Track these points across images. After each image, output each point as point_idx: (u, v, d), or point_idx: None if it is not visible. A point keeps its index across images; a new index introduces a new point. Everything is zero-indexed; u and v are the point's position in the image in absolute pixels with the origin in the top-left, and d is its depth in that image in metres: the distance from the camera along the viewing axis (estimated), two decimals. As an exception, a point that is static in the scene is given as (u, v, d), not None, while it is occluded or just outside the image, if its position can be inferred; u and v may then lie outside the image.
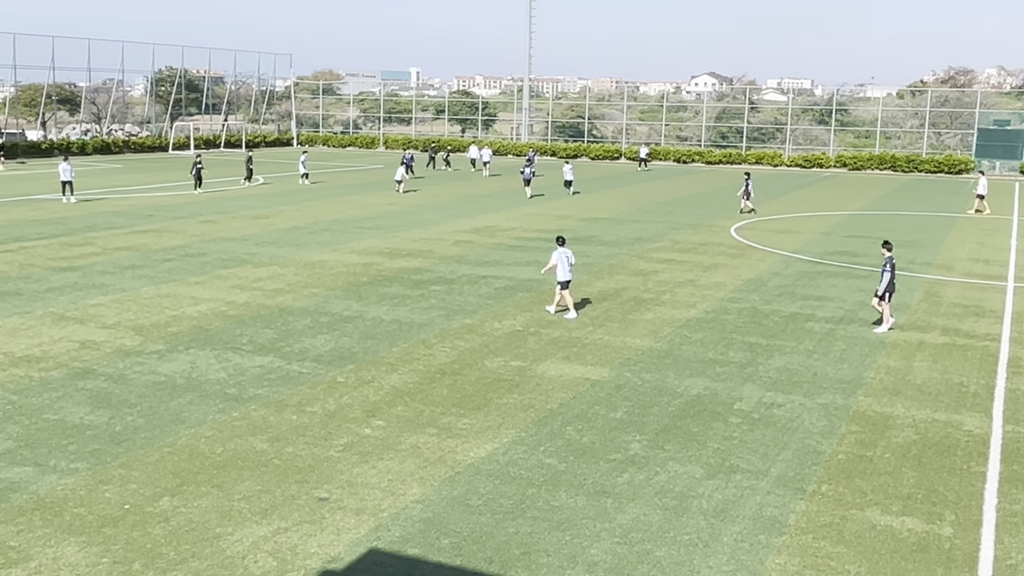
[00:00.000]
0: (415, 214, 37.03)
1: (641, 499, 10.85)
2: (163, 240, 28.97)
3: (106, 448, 12.02)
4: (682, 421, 13.56)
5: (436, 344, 17.44)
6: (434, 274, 24.31)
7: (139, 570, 8.98)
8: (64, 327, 18.05)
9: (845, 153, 72.14)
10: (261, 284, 22.52)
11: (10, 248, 26.92)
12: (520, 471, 11.58)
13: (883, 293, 18.96)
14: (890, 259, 19.15)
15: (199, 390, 14.46)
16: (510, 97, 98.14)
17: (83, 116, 75.80)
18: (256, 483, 11.03)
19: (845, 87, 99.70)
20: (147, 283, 22.35)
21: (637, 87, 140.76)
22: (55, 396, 14.01)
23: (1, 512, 10.12)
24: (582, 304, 20.92)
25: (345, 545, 9.59)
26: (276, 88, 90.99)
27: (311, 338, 17.65)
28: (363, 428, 12.97)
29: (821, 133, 79.20)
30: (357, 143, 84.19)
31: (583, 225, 34.87)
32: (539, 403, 14.21)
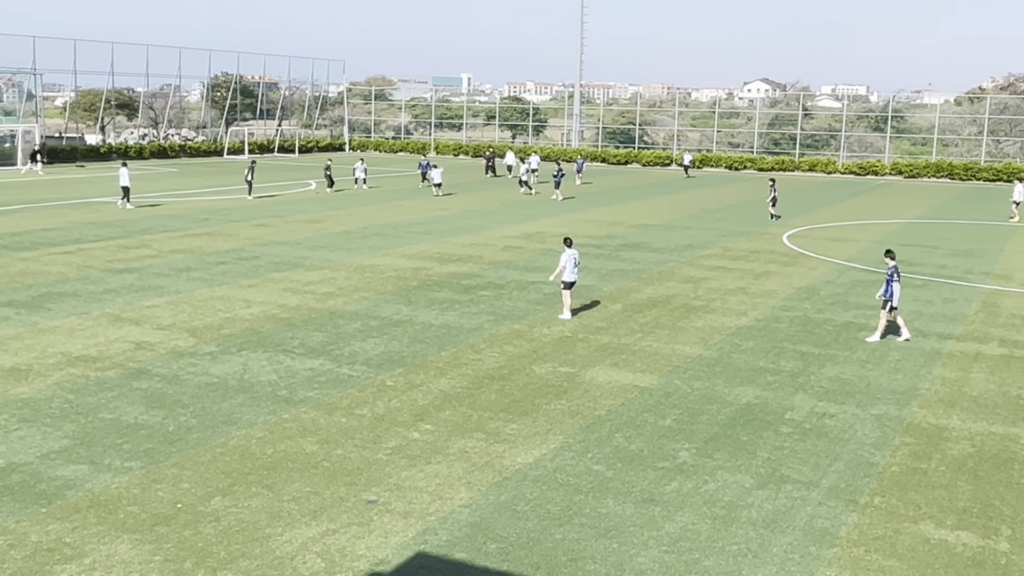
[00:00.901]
0: (465, 219, 37.16)
1: (689, 508, 10.77)
2: (217, 243, 29.37)
3: (159, 447, 12.20)
4: (732, 430, 13.44)
5: (485, 349, 17.47)
6: (483, 279, 24.36)
7: (190, 568, 9.09)
8: (120, 328, 18.36)
9: (901, 160, 71.06)
10: (312, 287, 22.74)
11: (69, 250, 27.47)
12: (568, 477, 11.55)
13: (886, 302, 18.65)
14: (895, 268, 18.77)
15: (251, 392, 14.62)
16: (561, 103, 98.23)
17: (141, 121, 77.14)
18: (305, 484, 11.13)
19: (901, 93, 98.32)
20: (201, 285, 22.67)
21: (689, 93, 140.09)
22: (110, 396, 14.26)
23: (57, 509, 10.31)
24: (625, 309, 20.84)
25: (392, 548, 9.63)
26: (329, 94, 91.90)
27: (361, 341, 17.78)
28: (411, 432, 13.02)
29: (876, 140, 78.12)
30: (408, 148, 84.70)
31: (633, 231, 34.74)
32: (587, 409, 14.17)
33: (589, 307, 21.23)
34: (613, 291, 23.18)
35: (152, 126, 77.77)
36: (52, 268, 24.47)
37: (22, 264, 24.97)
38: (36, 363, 15.84)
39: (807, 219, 40.37)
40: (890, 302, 18.57)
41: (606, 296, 22.56)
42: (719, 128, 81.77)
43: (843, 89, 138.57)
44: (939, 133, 73.82)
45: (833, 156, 74.45)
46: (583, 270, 25.76)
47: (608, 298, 22.32)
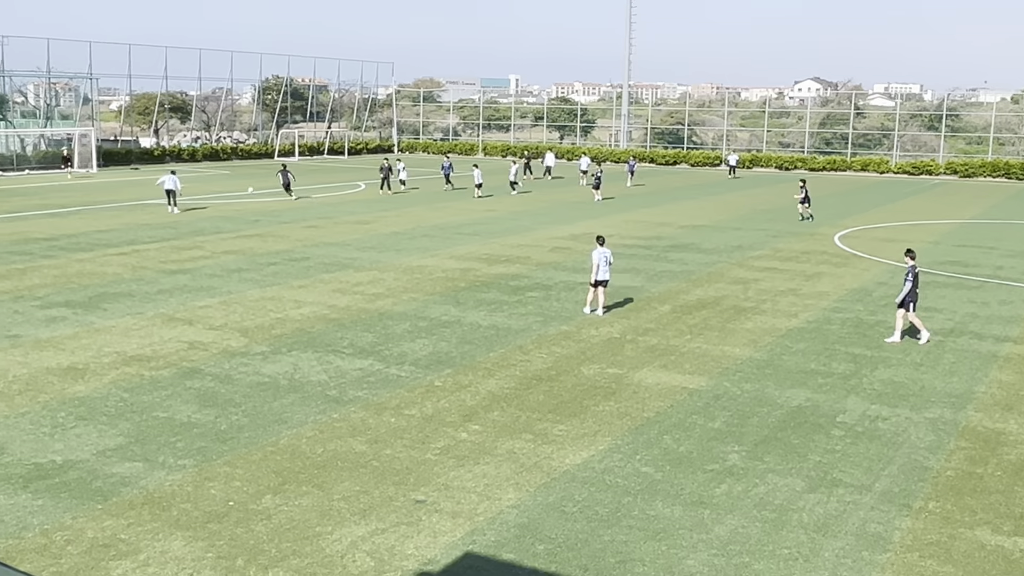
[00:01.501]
0: (513, 220, 37.19)
1: (739, 511, 10.68)
2: (268, 244, 29.70)
3: (212, 446, 12.36)
4: (782, 433, 13.30)
5: (533, 350, 17.47)
6: (531, 280, 24.37)
7: (242, 566, 9.20)
8: (173, 328, 18.64)
9: (956, 160, 69.86)
10: (362, 288, 22.90)
11: (124, 251, 27.94)
12: (616, 479, 11.51)
13: (903, 302, 18.36)
14: (913, 268, 18.45)
15: (301, 391, 14.76)
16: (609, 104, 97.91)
17: (193, 124, 78.29)
18: (355, 484, 11.21)
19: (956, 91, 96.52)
20: (252, 286, 22.95)
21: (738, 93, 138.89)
22: (164, 394, 14.48)
23: (112, 506, 10.49)
24: (674, 310, 20.73)
25: (441, 548, 9.67)
26: (378, 96, 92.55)
27: (410, 342, 17.87)
28: (460, 432, 13.06)
29: (930, 139, 76.85)
30: (457, 150, 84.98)
31: (682, 232, 34.54)
32: (636, 411, 14.11)
33: (637, 308, 21.14)
34: (662, 292, 23.06)
35: (204, 129, 78.89)
36: (108, 269, 24.91)
37: (78, 265, 25.45)
38: (92, 362, 16.14)
39: (859, 220, 39.85)
40: (912, 302, 18.28)
41: (655, 297, 22.45)
42: (769, 128, 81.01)
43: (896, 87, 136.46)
44: (995, 132, 72.44)
45: (886, 155, 73.41)
46: (631, 271, 25.69)
47: (657, 299, 22.22)
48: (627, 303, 21.53)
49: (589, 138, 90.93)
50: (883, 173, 69.57)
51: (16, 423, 13.06)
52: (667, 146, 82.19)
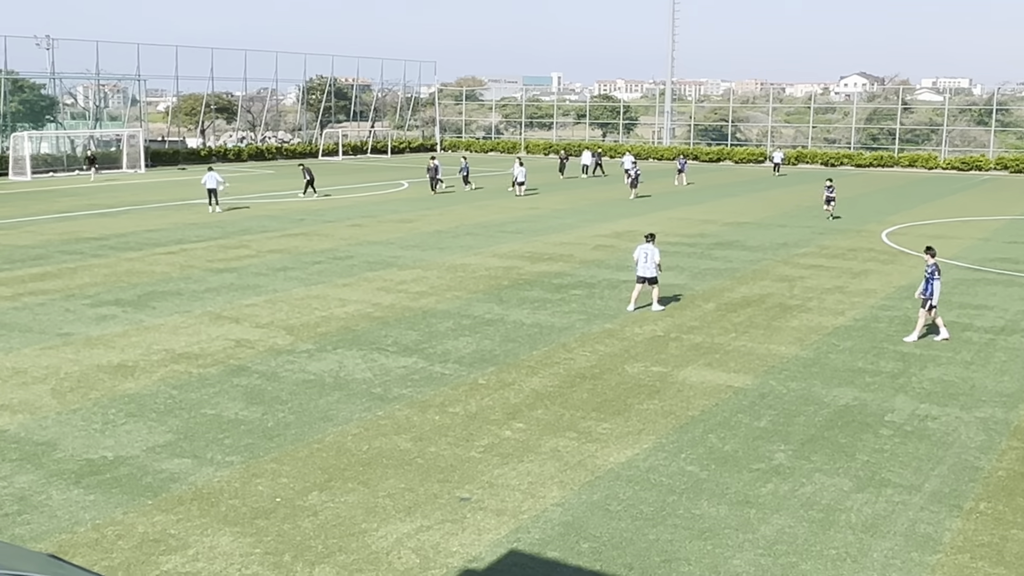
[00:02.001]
0: (556, 218, 37.16)
1: (786, 510, 10.58)
2: (313, 243, 29.95)
3: (259, 443, 12.49)
4: (829, 432, 13.16)
5: (576, 348, 17.45)
6: (575, 278, 24.33)
7: (289, 562, 9.29)
8: (221, 326, 18.86)
9: (1006, 155, 68.66)
10: (405, 287, 23.02)
11: (172, 250, 28.32)
12: (661, 478, 11.46)
13: (926, 300, 18.02)
14: (935, 266, 18.06)
15: (346, 389, 14.87)
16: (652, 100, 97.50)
17: (239, 124, 79.13)
18: (400, 481, 11.27)
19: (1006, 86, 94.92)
20: (298, 284, 23.15)
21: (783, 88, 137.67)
22: (212, 392, 14.66)
23: (162, 501, 10.64)
24: (718, 308, 20.60)
25: (486, 545, 9.69)
26: (421, 95, 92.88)
27: (453, 340, 17.93)
28: (504, 430, 13.08)
29: (980, 134, 75.58)
30: (499, 148, 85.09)
31: (726, 229, 34.30)
32: (680, 409, 14.04)
33: (681, 306, 21.03)
34: (706, 290, 22.92)
35: (250, 129, 79.72)
36: (156, 268, 25.27)
37: (128, 264, 25.84)
38: (142, 360, 16.38)
39: (907, 216, 39.32)
40: (930, 300, 17.96)
41: (699, 295, 22.32)
42: (814, 124, 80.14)
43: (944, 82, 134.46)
44: (1047, 126, 71.04)
45: (934, 151, 72.36)
46: (675, 269, 25.56)
47: (701, 297, 22.08)
48: (671, 301, 21.43)
49: (632, 135, 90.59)
50: (931, 169, 68.55)
51: (68, 419, 13.29)
52: (710, 143, 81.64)
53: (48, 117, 63.36)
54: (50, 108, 63.67)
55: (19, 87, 61.04)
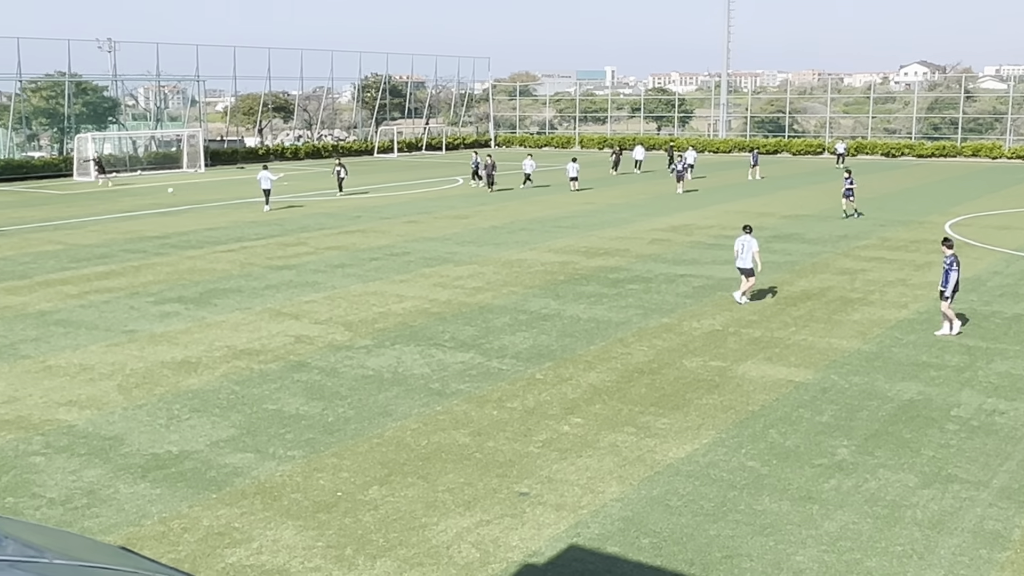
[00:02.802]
0: (611, 213, 37.02)
1: (850, 506, 10.43)
2: (370, 240, 30.18)
3: (320, 437, 12.63)
4: (893, 427, 12.94)
5: (633, 343, 17.37)
6: (631, 273, 24.22)
7: (351, 555, 9.39)
8: (281, 322, 19.10)
9: (1074, 143, 66.87)
10: (462, 282, 23.10)
11: (232, 248, 28.73)
12: (721, 473, 11.37)
13: (950, 294, 17.53)
14: (955, 257, 17.57)
15: (405, 384, 14.97)
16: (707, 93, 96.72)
17: (296, 123, 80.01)
18: (459, 475, 11.32)
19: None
20: (355, 281, 23.35)
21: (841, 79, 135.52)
22: (273, 387, 14.85)
23: (226, 495, 10.81)
24: (778, 302, 20.35)
25: (545, 540, 9.69)
26: (474, 91, 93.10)
27: (510, 335, 17.95)
28: (562, 425, 13.07)
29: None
30: (553, 143, 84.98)
31: (785, 222, 33.89)
32: (740, 404, 13.91)
33: (740, 300, 20.83)
34: (765, 284, 22.66)
35: (306, 127, 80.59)
36: (217, 265, 25.66)
37: (190, 262, 26.27)
38: (204, 356, 16.65)
39: (971, 207, 38.51)
40: (944, 290, 17.53)
41: (757, 289, 22.07)
42: (874, 114, 78.83)
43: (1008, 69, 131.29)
44: (1117, 113, 69.10)
45: (999, 140, 70.74)
46: (732, 263, 25.29)
47: (759, 291, 21.84)
48: (729, 295, 21.23)
49: (687, 128, 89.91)
50: (996, 159, 67.04)
51: (134, 415, 13.56)
52: (767, 135, 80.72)
53: (110, 119, 64.66)
54: (112, 110, 64.96)
55: (83, 90, 62.36)
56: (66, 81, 60.19)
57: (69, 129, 60.12)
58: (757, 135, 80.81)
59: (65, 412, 13.67)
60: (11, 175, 54.17)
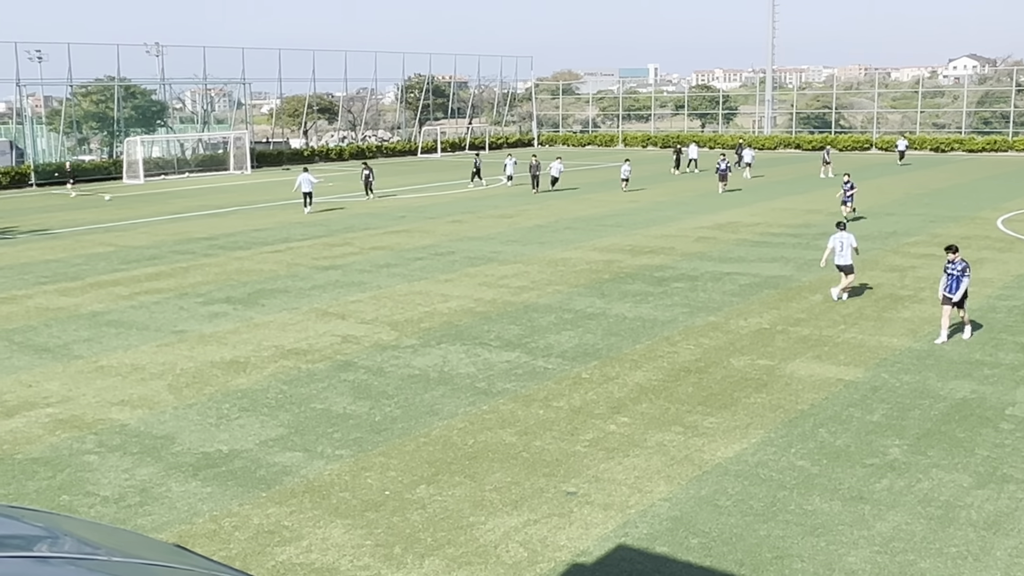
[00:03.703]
0: (656, 211, 36.83)
1: (902, 507, 10.28)
2: (414, 239, 30.30)
3: (367, 436, 12.69)
4: (946, 426, 12.73)
5: (680, 341, 17.26)
6: (676, 271, 24.08)
7: (399, 553, 9.42)
8: (327, 322, 19.23)
9: None
10: (506, 281, 23.10)
11: (279, 249, 29.00)
12: (770, 473, 11.26)
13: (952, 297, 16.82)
14: (965, 263, 16.97)
15: (451, 383, 15.00)
16: (751, 89, 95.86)
17: (340, 124, 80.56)
18: (506, 475, 11.32)
19: None
20: (401, 281, 23.45)
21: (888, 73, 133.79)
22: (321, 387, 14.95)
23: (276, 494, 10.90)
24: (826, 300, 20.12)
25: (593, 540, 9.66)
26: (517, 90, 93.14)
27: (556, 334, 17.92)
28: (608, 424, 13.02)
29: (1101, 115, 72.13)
30: (596, 141, 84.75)
31: (832, 219, 33.44)
32: (789, 403, 13.76)
33: (787, 298, 20.62)
34: (812, 281, 22.42)
35: (350, 128, 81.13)
36: (264, 266, 25.90)
37: (237, 263, 26.55)
38: (253, 356, 16.81)
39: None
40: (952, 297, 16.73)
41: (805, 287, 21.85)
42: (922, 109, 77.64)
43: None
44: None
45: (1052, 134, 69.31)
46: (780, 260, 25.09)
47: (807, 288, 21.62)
48: (776, 293, 21.03)
49: (731, 125, 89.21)
50: (1049, 152, 65.72)
51: (184, 414, 13.73)
52: (813, 131, 79.83)
53: (159, 122, 65.55)
54: (160, 113, 65.85)
55: (131, 93, 63.28)
56: (115, 85, 61.11)
57: (119, 132, 61.03)
58: (803, 131, 79.94)
59: (118, 411, 13.88)
60: (63, 178, 55.13)
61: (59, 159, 59.11)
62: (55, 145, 61.06)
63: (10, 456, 12.20)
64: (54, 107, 64.03)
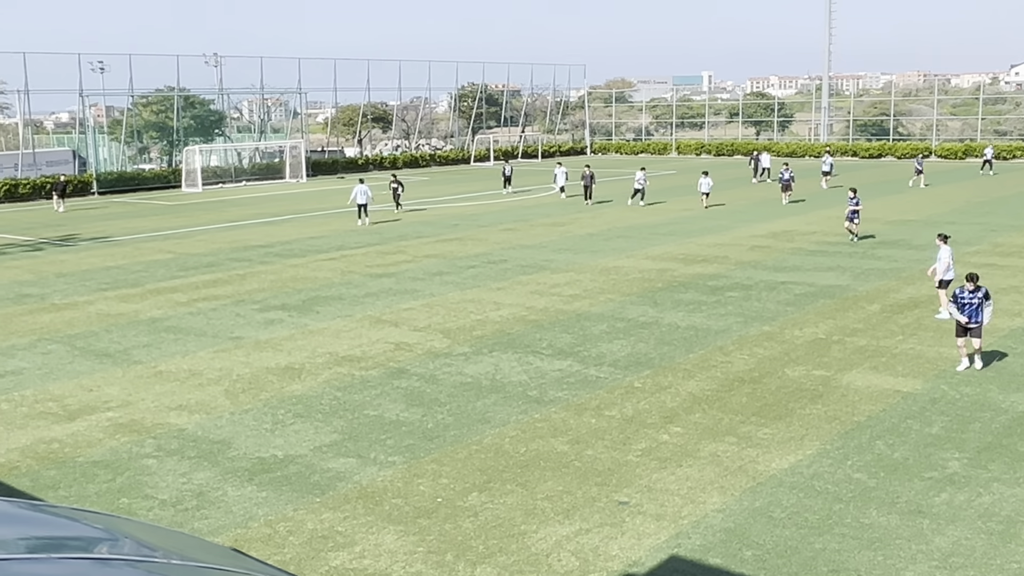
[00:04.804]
0: (710, 219, 36.57)
1: (962, 521, 10.07)
2: (467, 248, 30.41)
3: (419, 444, 12.75)
4: (1008, 439, 12.46)
5: (734, 351, 17.11)
6: (730, 280, 23.88)
7: (451, 561, 9.45)
8: (380, 329, 19.37)
9: None
10: (559, 290, 23.09)
11: (333, 256, 29.28)
12: (826, 485, 11.10)
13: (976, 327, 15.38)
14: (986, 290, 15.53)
15: (503, 391, 15.02)
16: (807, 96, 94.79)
17: (394, 132, 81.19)
18: (558, 483, 11.30)
19: None
20: (453, 288, 23.55)
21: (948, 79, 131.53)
22: (374, 393, 15.06)
23: (329, 499, 11.00)
24: (884, 310, 19.80)
25: (646, 550, 9.60)
26: (570, 98, 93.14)
27: (608, 343, 17.86)
28: (661, 434, 12.94)
29: None
30: (649, 149, 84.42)
31: (890, 228, 32.99)
32: (845, 415, 13.57)
33: (844, 308, 20.34)
34: (869, 291, 22.10)
35: (404, 137, 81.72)
36: (319, 274, 26.17)
37: (292, 270, 26.86)
38: (307, 362, 16.99)
39: (1089, 211, 36.88)
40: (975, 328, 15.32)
41: (862, 296, 21.54)
42: (983, 116, 76.18)
43: None
44: None
45: (1119, 141, 67.66)
46: (836, 269, 24.78)
47: (864, 298, 21.31)
48: (832, 303, 20.76)
49: (787, 133, 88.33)
50: (1115, 160, 64.16)
51: (241, 419, 13.91)
52: (870, 138, 78.73)
53: (216, 131, 66.59)
54: (218, 123, 66.91)
55: (190, 103, 64.39)
56: (175, 95, 62.23)
57: (178, 142, 62.13)
58: (860, 139, 78.89)
59: (176, 416, 14.11)
60: (123, 187, 56.28)
61: (120, 168, 60.32)
62: (116, 154, 62.30)
63: (72, 459, 12.46)
64: (115, 117, 65.36)
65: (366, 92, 74.52)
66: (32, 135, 58.43)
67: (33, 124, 60.87)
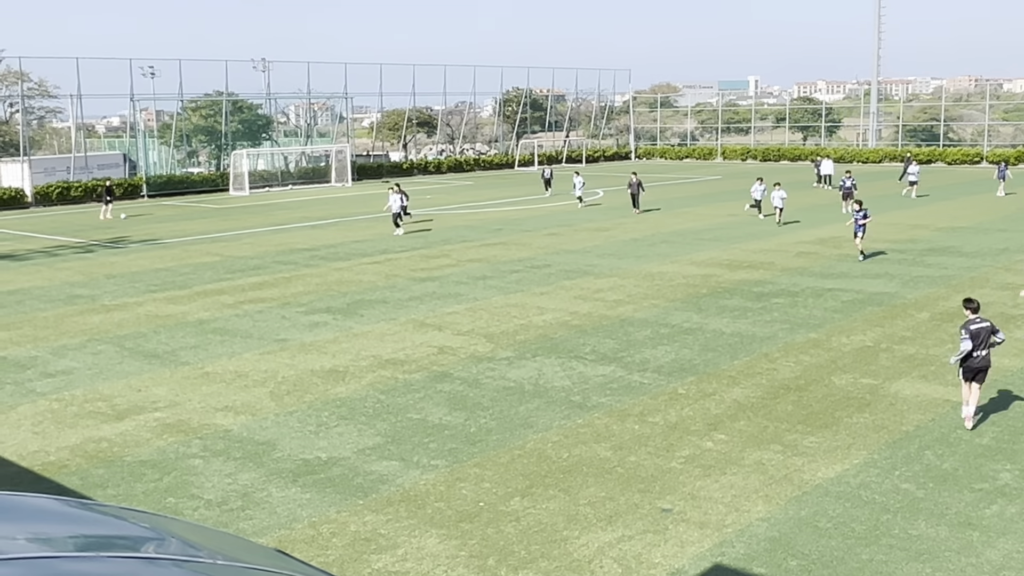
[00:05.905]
0: (755, 225, 36.26)
1: (1014, 534, 9.87)
2: (511, 252, 30.43)
3: (462, 447, 12.77)
4: (1062, 451, 12.20)
5: (779, 358, 16.94)
6: (776, 286, 23.65)
7: (493, 565, 9.44)
8: (424, 333, 19.43)
9: None
10: (602, 295, 23.01)
11: (378, 260, 29.44)
12: (873, 495, 10.94)
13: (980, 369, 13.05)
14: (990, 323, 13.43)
15: (545, 396, 14.99)
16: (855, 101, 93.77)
17: (439, 137, 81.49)
18: (600, 489, 11.25)
19: None
20: (496, 293, 23.56)
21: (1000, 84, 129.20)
22: (417, 397, 15.11)
23: (372, 502, 11.04)
24: (933, 318, 19.49)
25: (689, 558, 9.52)
26: (615, 103, 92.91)
27: (651, 349, 17.77)
28: (705, 441, 12.84)
29: None
30: (694, 155, 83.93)
31: (939, 235, 32.49)
32: (893, 424, 13.37)
33: (892, 315, 20.06)
34: (919, 298, 21.78)
35: (448, 142, 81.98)
36: (363, 277, 26.33)
37: (337, 274, 27.05)
38: (351, 365, 17.09)
39: None
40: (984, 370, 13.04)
41: (911, 304, 21.23)
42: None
43: None
44: None
45: None
46: (884, 276, 24.44)
47: (913, 306, 20.99)
48: (880, 310, 20.47)
49: (834, 138, 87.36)
50: None
51: (285, 421, 14.02)
52: (920, 144, 77.62)
53: (264, 135, 67.31)
54: (266, 127, 67.61)
55: (238, 108, 65.14)
56: (223, 100, 62.98)
57: (226, 146, 62.86)
58: (909, 144, 77.81)
59: (222, 417, 14.26)
60: (172, 190, 57.07)
61: (169, 171, 61.16)
62: (166, 158, 63.20)
63: (120, 458, 12.63)
64: (165, 121, 66.34)
65: (411, 97, 74.97)
66: (84, 139, 59.45)
67: (85, 128, 61.92)
